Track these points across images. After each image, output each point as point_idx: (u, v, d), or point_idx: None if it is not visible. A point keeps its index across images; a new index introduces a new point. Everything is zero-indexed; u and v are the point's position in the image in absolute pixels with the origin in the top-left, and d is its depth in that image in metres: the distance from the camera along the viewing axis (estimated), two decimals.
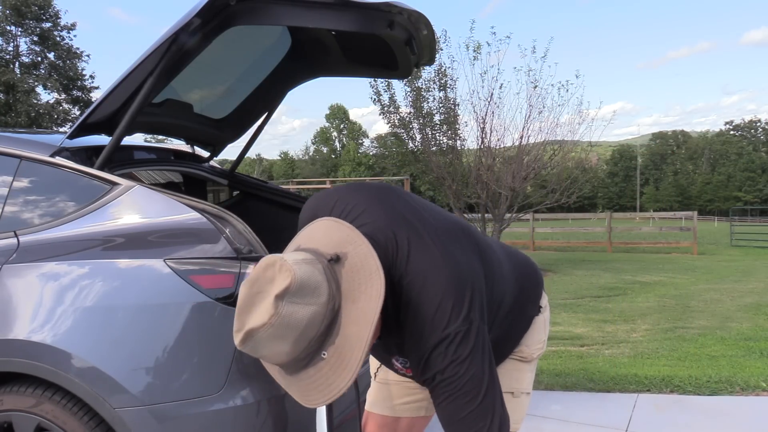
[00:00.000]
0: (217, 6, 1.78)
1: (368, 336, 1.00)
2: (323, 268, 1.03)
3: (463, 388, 1.12)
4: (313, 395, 1.04)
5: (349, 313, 1.02)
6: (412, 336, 1.15)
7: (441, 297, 1.13)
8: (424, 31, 2.07)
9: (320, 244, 1.10)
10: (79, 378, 1.69)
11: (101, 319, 1.74)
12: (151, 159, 2.67)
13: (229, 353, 1.70)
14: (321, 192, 1.38)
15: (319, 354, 1.02)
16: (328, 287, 1.01)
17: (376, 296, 1.02)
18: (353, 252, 1.07)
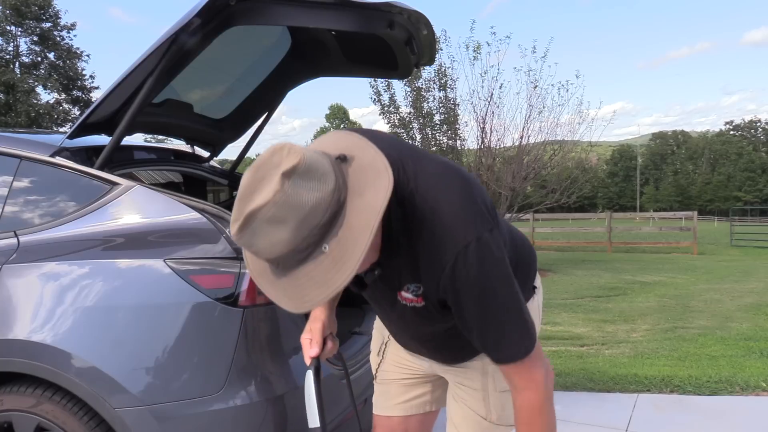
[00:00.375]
0: (217, 6, 1.78)
1: (374, 224, 0.94)
2: (331, 162, 0.99)
3: (497, 295, 1.11)
4: (309, 293, 0.96)
5: (354, 205, 0.96)
6: (429, 252, 1.10)
7: (458, 205, 1.09)
8: (424, 31, 2.07)
9: (328, 148, 1.06)
10: (79, 378, 1.69)
11: (101, 319, 1.74)
12: (151, 159, 2.67)
13: (229, 353, 1.70)
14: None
15: (320, 246, 0.95)
16: (335, 177, 0.96)
17: (384, 188, 0.97)
18: (361, 155, 1.03)
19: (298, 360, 1.90)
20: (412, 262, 1.14)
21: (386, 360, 1.66)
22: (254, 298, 1.74)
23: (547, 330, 6.82)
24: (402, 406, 1.62)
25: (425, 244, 1.11)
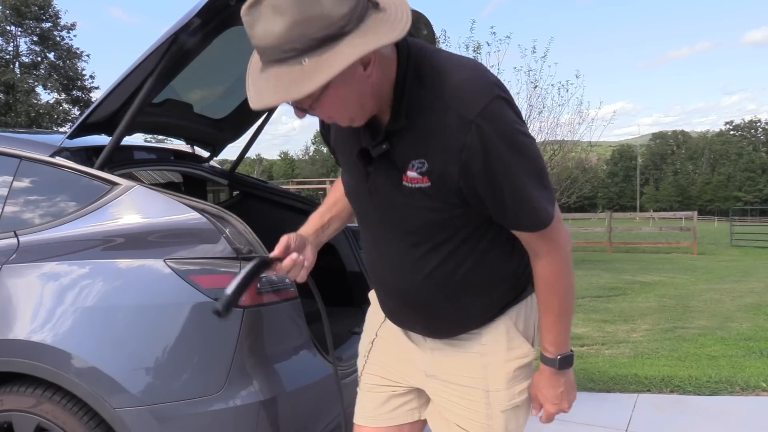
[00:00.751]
0: (217, 6, 1.78)
1: (359, 55, 0.92)
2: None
3: (526, 153, 1.07)
4: (267, 94, 0.96)
5: (353, 41, 0.93)
6: (445, 118, 1.04)
7: (477, 71, 1.07)
8: (424, 31, 2.06)
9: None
10: (79, 378, 1.69)
11: (101, 319, 1.74)
12: (151, 159, 2.67)
13: (229, 353, 1.70)
14: None
15: (301, 57, 0.94)
16: (352, 6, 0.93)
17: (388, 36, 0.94)
18: (392, 11, 0.98)
19: (299, 360, 1.90)
20: (422, 134, 1.08)
21: (370, 362, 1.50)
22: (254, 298, 1.74)
23: None
24: (394, 414, 1.45)
25: (440, 111, 1.05)
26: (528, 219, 1.12)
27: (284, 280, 1.83)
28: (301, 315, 1.90)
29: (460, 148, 1.04)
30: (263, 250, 1.85)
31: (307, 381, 1.87)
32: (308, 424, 1.89)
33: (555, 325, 1.25)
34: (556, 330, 1.26)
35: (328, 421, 1.95)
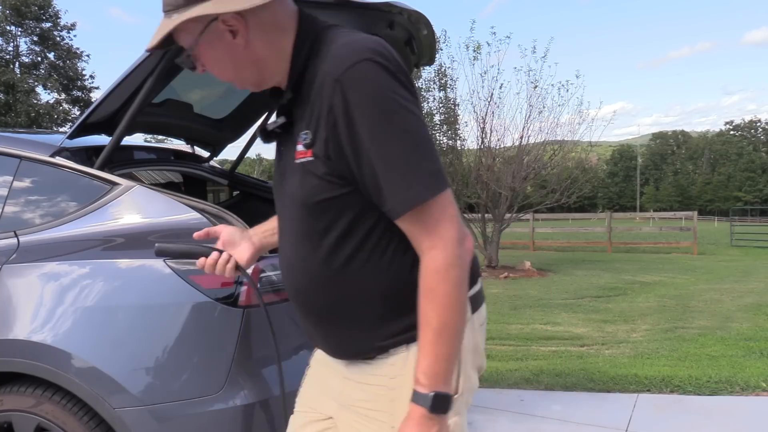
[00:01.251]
0: None
1: (201, 12, 1.03)
2: None
3: (394, 118, 0.98)
4: (153, 39, 1.12)
5: (212, 3, 1.03)
6: (320, 82, 1.02)
7: (356, 38, 1.04)
8: (424, 31, 2.06)
9: None
10: (79, 378, 1.69)
11: (101, 320, 1.74)
12: (151, 159, 2.67)
13: (229, 353, 1.70)
14: None
15: (173, 13, 1.08)
16: None
17: (253, 3, 1.02)
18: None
19: (299, 360, 1.90)
20: (308, 105, 1.06)
21: (302, 387, 1.39)
22: (254, 298, 1.74)
23: (547, 330, 6.82)
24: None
25: (318, 77, 1.03)
26: (391, 193, 0.99)
27: None
28: None
29: (327, 110, 1.00)
30: None
31: None
32: None
33: (432, 347, 1.01)
34: (433, 354, 1.01)
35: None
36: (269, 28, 1.08)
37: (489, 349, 5.67)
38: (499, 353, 5.39)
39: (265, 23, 1.08)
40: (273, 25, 1.09)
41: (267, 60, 1.11)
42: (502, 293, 10.09)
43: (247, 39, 1.07)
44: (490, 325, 7.12)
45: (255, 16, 1.06)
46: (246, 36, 1.07)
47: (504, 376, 4.08)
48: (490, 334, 6.48)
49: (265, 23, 1.08)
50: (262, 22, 1.07)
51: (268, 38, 1.09)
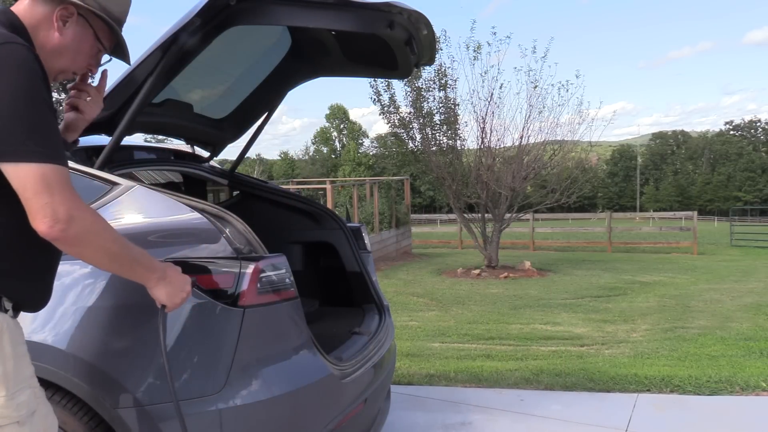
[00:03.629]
0: (217, 6, 1.78)
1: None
2: None
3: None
4: None
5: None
6: None
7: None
8: (424, 31, 2.07)
9: None
10: (79, 378, 1.69)
11: (101, 319, 1.74)
12: (151, 159, 2.67)
13: (229, 353, 1.70)
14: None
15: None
16: None
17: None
18: None
19: (299, 360, 1.90)
20: None
21: None
22: (254, 298, 1.74)
23: (547, 330, 6.82)
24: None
25: None
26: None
27: (284, 280, 1.83)
28: (301, 315, 1.90)
29: None
30: (263, 250, 1.85)
31: (307, 381, 1.87)
32: (308, 424, 1.89)
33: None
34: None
35: (327, 421, 1.95)
36: None
37: (489, 348, 5.68)
38: (499, 353, 5.39)
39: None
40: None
41: None
42: (502, 293, 10.09)
43: None
44: (491, 325, 7.12)
45: None
46: None
47: (504, 376, 4.08)
48: (490, 334, 6.49)
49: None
50: None
51: None
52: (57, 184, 1.20)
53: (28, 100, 1.19)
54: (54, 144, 1.23)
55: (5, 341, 1.26)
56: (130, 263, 1.38)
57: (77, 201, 1.24)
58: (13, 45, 1.20)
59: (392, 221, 16.56)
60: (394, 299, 9.06)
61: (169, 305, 1.45)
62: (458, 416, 3.27)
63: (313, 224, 3.09)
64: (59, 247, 1.27)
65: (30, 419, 1.29)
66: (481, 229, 13.48)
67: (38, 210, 1.18)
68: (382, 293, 2.93)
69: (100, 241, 1.29)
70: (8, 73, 1.17)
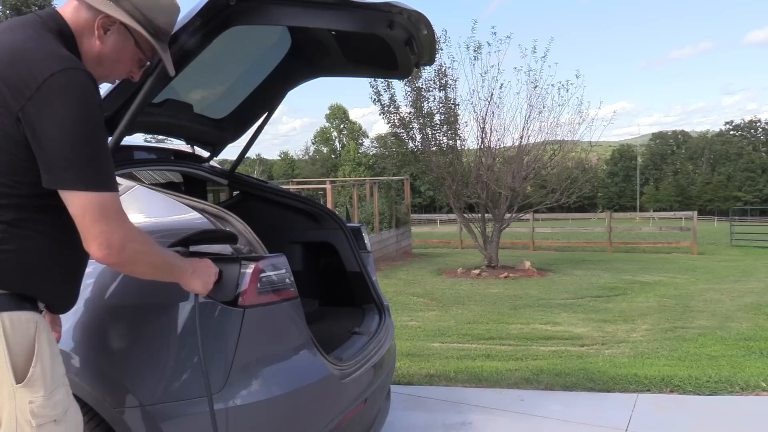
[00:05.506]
0: (217, 6, 1.78)
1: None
2: None
3: (79, 120, 1.21)
4: None
5: None
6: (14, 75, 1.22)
7: (38, 41, 1.26)
8: (424, 31, 2.07)
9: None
10: (79, 378, 1.69)
11: (102, 319, 1.74)
12: (151, 159, 2.67)
13: (229, 353, 1.70)
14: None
15: None
16: None
17: None
18: None
19: (299, 360, 1.90)
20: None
21: None
22: (254, 298, 1.74)
23: (547, 330, 6.82)
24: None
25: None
26: (64, 169, 1.22)
27: (284, 280, 1.83)
28: (301, 315, 1.90)
29: (23, 100, 1.23)
30: (263, 250, 1.85)
31: (307, 381, 1.87)
32: (308, 424, 1.89)
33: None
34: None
35: (328, 421, 1.95)
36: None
37: (489, 348, 5.68)
38: (499, 353, 5.39)
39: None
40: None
41: None
42: (502, 293, 10.09)
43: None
44: (491, 325, 7.13)
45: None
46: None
47: (504, 375, 4.08)
48: (490, 334, 6.49)
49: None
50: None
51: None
52: (113, 212, 1.26)
53: (88, 129, 1.22)
54: (110, 172, 1.28)
55: (44, 341, 1.29)
56: (170, 269, 1.47)
57: (129, 227, 1.31)
58: (75, 71, 1.22)
59: (392, 221, 16.56)
60: (394, 299, 9.06)
61: (204, 292, 1.57)
62: (458, 416, 3.27)
63: (313, 224, 3.09)
64: (114, 268, 1.36)
65: (64, 417, 1.32)
66: (481, 229, 13.48)
67: (94, 237, 1.25)
68: (382, 293, 2.93)
69: (148, 258, 1.38)
70: (71, 101, 1.20)
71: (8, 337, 1.23)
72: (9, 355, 1.22)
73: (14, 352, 1.23)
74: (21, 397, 1.23)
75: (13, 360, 1.23)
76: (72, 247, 1.32)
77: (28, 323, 1.26)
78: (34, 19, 1.32)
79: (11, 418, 1.23)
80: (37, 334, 1.28)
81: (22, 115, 1.19)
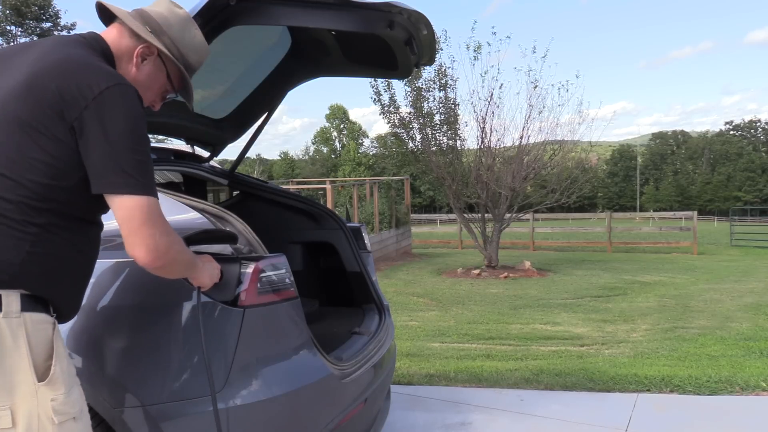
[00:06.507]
0: (217, 6, 1.79)
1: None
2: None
3: (132, 129, 1.30)
4: None
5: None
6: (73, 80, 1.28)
7: (89, 57, 1.35)
8: (424, 31, 2.07)
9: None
10: (79, 378, 1.68)
11: (101, 319, 1.74)
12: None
13: (229, 353, 1.70)
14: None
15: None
16: None
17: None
18: None
19: (299, 360, 1.90)
20: None
21: None
22: (254, 298, 1.74)
23: (547, 330, 6.82)
24: None
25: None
26: (113, 174, 1.29)
27: (284, 280, 1.83)
28: (301, 315, 1.90)
29: (83, 105, 1.30)
30: (263, 250, 1.85)
31: (307, 381, 1.87)
32: (308, 424, 1.89)
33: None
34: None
35: (328, 421, 1.95)
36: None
37: (489, 348, 5.68)
38: (499, 353, 5.39)
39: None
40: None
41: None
42: (502, 293, 10.10)
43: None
44: (491, 325, 7.13)
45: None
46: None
47: (504, 375, 4.08)
48: (490, 334, 6.49)
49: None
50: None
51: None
52: (158, 216, 1.32)
53: (137, 138, 1.30)
54: (152, 178, 1.35)
55: (59, 342, 1.33)
56: (193, 267, 1.53)
57: (170, 231, 1.37)
58: (127, 86, 1.32)
59: (392, 221, 16.56)
60: (394, 299, 9.06)
61: (211, 284, 1.63)
62: (458, 416, 3.27)
63: (313, 224, 3.09)
64: (151, 271, 1.36)
65: (81, 414, 1.37)
66: (481, 229, 13.48)
67: (143, 240, 1.30)
68: (382, 293, 2.93)
69: (184, 258, 1.45)
70: (123, 112, 1.28)
71: (30, 337, 1.26)
72: (31, 354, 1.25)
73: (36, 352, 1.26)
74: (43, 395, 1.26)
75: (35, 359, 1.26)
76: (88, 258, 1.42)
77: (45, 324, 1.30)
78: (81, 39, 1.40)
79: (33, 416, 1.26)
80: (55, 335, 1.31)
81: (78, 124, 1.25)
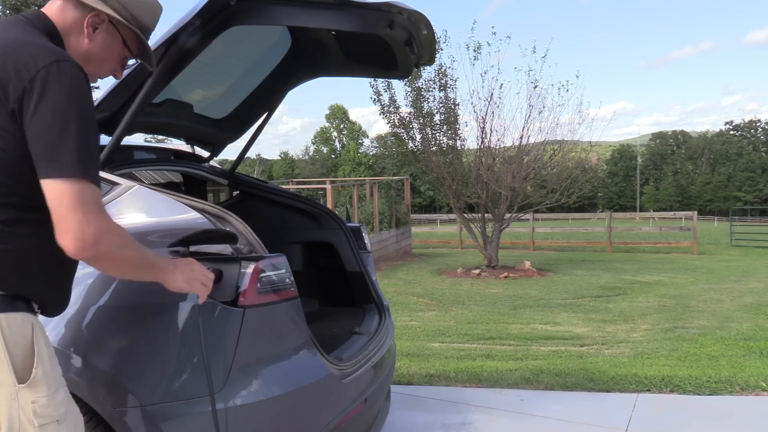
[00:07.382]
0: (217, 6, 1.78)
1: None
2: None
3: (71, 108, 1.21)
4: None
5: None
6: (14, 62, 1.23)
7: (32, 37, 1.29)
8: (424, 31, 2.07)
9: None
10: (79, 378, 1.69)
11: (101, 319, 1.74)
12: (151, 159, 2.67)
13: (229, 353, 1.70)
14: None
15: None
16: None
17: None
18: None
19: (299, 360, 1.90)
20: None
21: None
22: (254, 298, 1.74)
23: (547, 330, 6.82)
24: None
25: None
26: (50, 158, 1.20)
27: (284, 280, 1.83)
28: (301, 315, 1.90)
29: (23, 85, 1.24)
30: (263, 250, 1.85)
31: (307, 381, 1.87)
32: (308, 424, 1.89)
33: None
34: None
35: (327, 421, 1.95)
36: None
37: (489, 348, 5.68)
38: (499, 353, 5.39)
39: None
40: None
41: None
42: (502, 293, 10.10)
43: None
44: (491, 325, 7.12)
45: None
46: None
47: (504, 375, 4.08)
48: (490, 334, 6.49)
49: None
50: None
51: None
52: (90, 203, 1.21)
53: (75, 118, 1.21)
54: (93, 164, 1.25)
55: (41, 342, 1.29)
56: (150, 267, 1.41)
57: (107, 220, 1.27)
58: (66, 63, 1.23)
59: (392, 221, 16.56)
60: (394, 299, 9.06)
61: (192, 289, 1.51)
62: (458, 416, 3.27)
63: (313, 224, 3.09)
64: (90, 264, 1.30)
65: (66, 417, 1.32)
66: (481, 229, 13.48)
67: (69, 227, 1.20)
68: (382, 293, 2.93)
69: (126, 254, 1.32)
70: (60, 90, 1.20)
71: (6, 338, 1.22)
72: (9, 356, 1.22)
73: (13, 353, 1.23)
74: (24, 397, 1.23)
75: (13, 361, 1.23)
76: (60, 248, 1.31)
77: (24, 324, 1.26)
78: (21, 20, 1.33)
79: (13, 418, 1.23)
80: (35, 335, 1.28)
81: (17, 107, 1.18)
